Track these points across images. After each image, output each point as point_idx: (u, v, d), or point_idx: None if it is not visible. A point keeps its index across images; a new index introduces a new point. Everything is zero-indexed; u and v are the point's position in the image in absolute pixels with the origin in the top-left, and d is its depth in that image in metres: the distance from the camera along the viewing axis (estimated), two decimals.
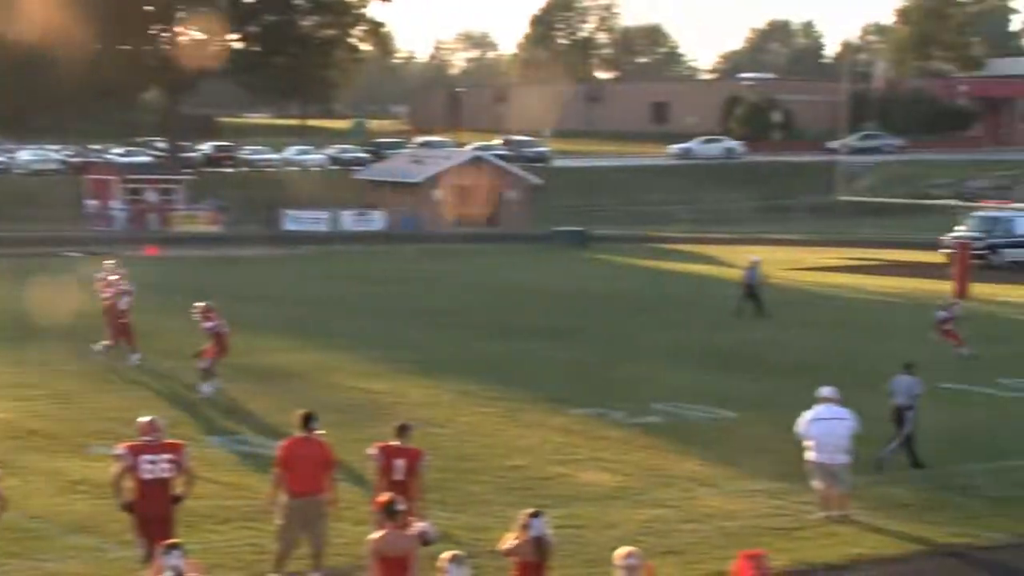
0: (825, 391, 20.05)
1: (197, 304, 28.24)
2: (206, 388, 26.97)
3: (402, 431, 16.55)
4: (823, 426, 19.64)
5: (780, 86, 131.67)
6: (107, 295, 31.57)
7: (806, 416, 19.86)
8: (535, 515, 13.29)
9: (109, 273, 32.51)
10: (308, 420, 16.32)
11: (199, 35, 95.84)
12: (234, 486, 20.36)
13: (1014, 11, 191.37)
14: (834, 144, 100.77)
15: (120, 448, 15.43)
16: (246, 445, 23.14)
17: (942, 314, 35.17)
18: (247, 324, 36.30)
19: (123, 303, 30.88)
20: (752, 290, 43.56)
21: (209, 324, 27.60)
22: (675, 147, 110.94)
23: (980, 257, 60.13)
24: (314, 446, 16.15)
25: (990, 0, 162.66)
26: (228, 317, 28.87)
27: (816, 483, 19.63)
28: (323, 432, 16.81)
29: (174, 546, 12.10)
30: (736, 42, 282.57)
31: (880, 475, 21.57)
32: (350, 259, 63.04)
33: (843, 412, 19.84)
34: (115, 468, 15.37)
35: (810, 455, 19.64)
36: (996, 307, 47.47)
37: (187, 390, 27.61)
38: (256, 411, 25.88)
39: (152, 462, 15.15)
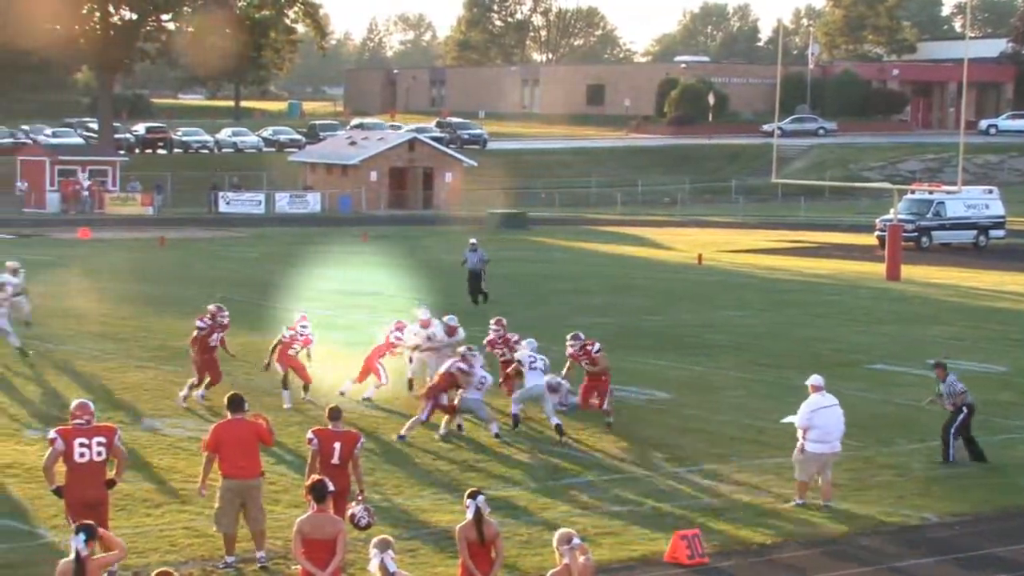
0: (816, 379, 19.66)
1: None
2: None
3: (334, 415, 16.51)
4: (827, 415, 19.31)
5: (715, 69, 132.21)
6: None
7: (806, 406, 19.37)
8: (472, 495, 13.33)
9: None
10: (236, 403, 16.29)
11: (133, 15, 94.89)
12: (167, 469, 20.26)
13: None
14: (768, 127, 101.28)
15: (52, 432, 15.32)
16: (180, 429, 23.01)
17: None
18: (182, 306, 36.08)
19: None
20: (475, 274, 40.59)
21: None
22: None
23: (911, 240, 60.80)
24: (244, 428, 16.09)
25: None
26: (162, 299, 28.64)
27: (806, 473, 19.29)
28: (256, 414, 16.78)
29: (83, 528, 12.00)
30: (670, 25, 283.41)
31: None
32: (284, 241, 62.74)
33: (834, 399, 19.65)
34: (48, 452, 15.24)
35: (813, 446, 19.17)
36: (927, 289, 47.95)
37: (117, 374, 27.38)
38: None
39: (84, 445, 15.00)
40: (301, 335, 24.78)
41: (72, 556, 11.79)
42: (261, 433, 16.20)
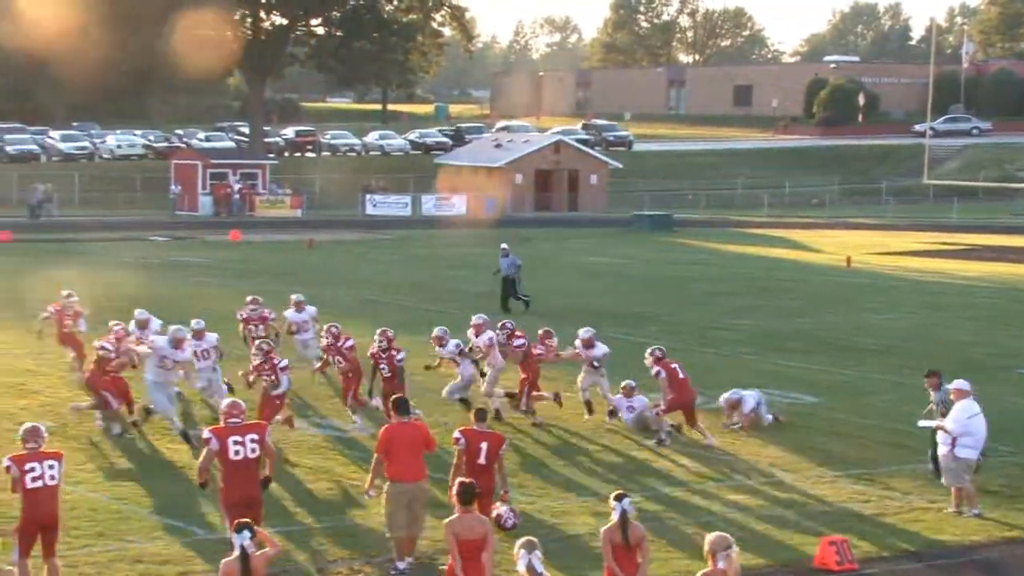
0: (963, 384, 19.06)
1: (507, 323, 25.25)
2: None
3: (480, 416, 16.50)
4: (979, 421, 18.84)
5: (865, 69, 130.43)
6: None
7: (961, 412, 18.80)
8: (618, 497, 13.26)
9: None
10: (402, 405, 16.24)
11: (283, 20, 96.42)
12: (313, 470, 20.47)
13: None
14: (920, 127, 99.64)
15: (207, 432, 15.57)
16: (325, 429, 23.23)
17: None
18: (329, 308, 36.51)
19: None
20: (509, 281, 39.06)
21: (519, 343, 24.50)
22: None
23: None
24: (412, 431, 16.05)
25: None
26: (310, 301, 28.93)
27: (961, 479, 18.78)
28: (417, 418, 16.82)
29: (247, 526, 12.19)
30: (820, 25, 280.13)
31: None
32: (430, 243, 63.19)
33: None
34: (203, 452, 15.50)
35: (965, 451, 18.71)
36: None
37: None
38: (335, 394, 25.95)
39: (239, 443, 15.16)
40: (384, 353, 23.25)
41: (237, 554, 11.93)
42: (427, 437, 16.25)
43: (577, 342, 24.67)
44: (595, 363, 24.24)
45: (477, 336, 24.60)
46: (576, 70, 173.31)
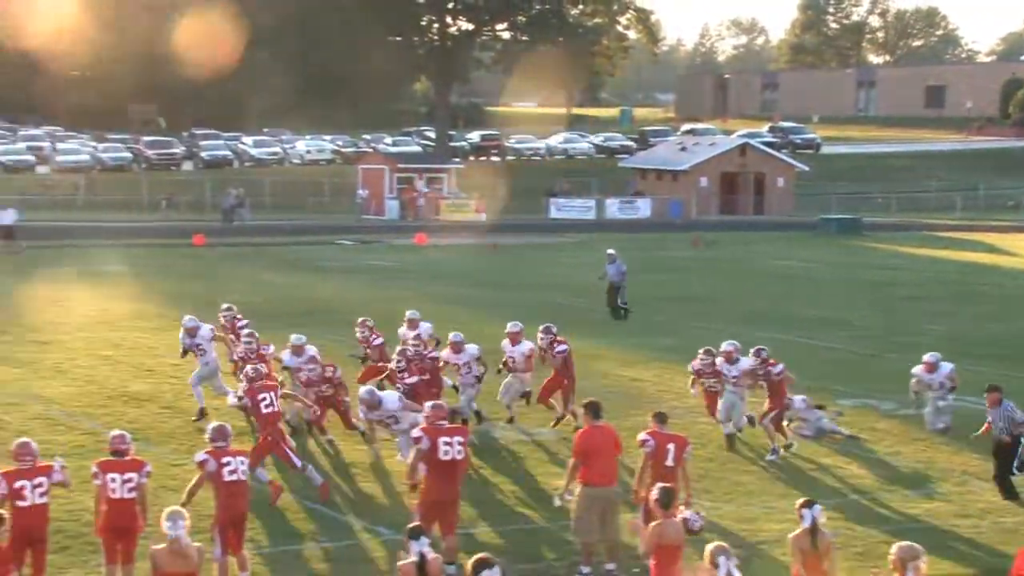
0: None
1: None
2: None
3: (660, 419, 16.31)
4: None
5: None
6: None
7: None
8: (807, 505, 12.99)
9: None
10: (596, 409, 16.07)
11: (469, 25, 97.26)
12: (493, 472, 20.52)
13: None
14: None
15: (417, 431, 15.73)
16: (511, 432, 23.24)
17: None
18: (511, 311, 36.65)
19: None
20: (615, 288, 37.90)
21: (777, 370, 22.16)
22: None
23: None
24: (606, 435, 15.95)
25: None
26: (492, 304, 29.01)
27: None
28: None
29: (423, 531, 12.18)
30: (1017, 23, 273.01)
31: None
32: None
33: None
34: (413, 452, 15.67)
35: None
36: None
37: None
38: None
39: (448, 444, 15.36)
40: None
41: (415, 560, 11.94)
42: (617, 440, 16.12)
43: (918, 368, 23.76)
44: (941, 384, 23.51)
45: (513, 345, 23.65)
46: (762, 72, 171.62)
